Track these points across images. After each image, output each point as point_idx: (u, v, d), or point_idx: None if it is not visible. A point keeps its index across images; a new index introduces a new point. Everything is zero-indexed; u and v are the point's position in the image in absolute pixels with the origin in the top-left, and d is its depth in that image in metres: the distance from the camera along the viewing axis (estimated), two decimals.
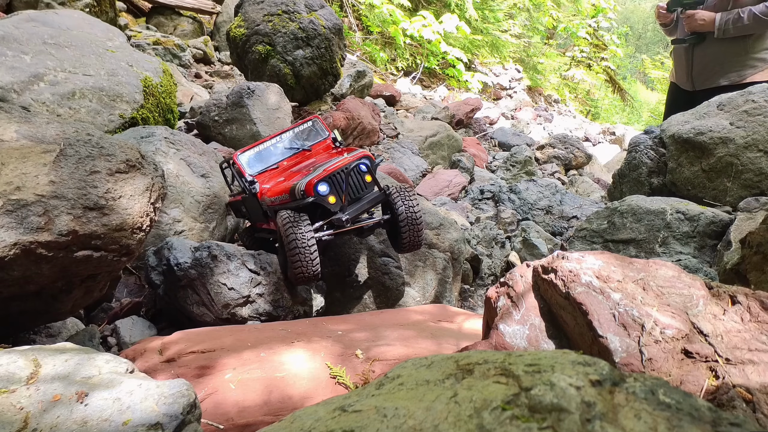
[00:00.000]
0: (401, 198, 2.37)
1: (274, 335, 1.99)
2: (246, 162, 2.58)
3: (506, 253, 3.10)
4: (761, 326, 1.20)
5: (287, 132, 2.76)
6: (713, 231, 2.60)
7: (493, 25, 11.60)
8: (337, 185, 2.24)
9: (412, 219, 2.34)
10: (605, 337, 1.25)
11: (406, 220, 2.34)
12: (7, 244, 1.44)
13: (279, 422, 0.77)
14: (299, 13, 5.11)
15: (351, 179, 2.29)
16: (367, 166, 2.34)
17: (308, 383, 1.61)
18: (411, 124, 5.38)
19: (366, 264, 2.66)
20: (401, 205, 2.35)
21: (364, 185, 2.36)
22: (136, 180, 1.81)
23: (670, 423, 0.53)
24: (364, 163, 2.33)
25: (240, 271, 2.26)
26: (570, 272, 1.39)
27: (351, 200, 2.30)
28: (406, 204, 2.36)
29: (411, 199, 2.39)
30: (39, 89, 2.79)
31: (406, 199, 2.38)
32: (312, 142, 2.73)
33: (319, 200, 2.18)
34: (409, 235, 2.37)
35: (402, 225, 2.34)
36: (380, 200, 2.40)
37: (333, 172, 2.23)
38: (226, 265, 2.25)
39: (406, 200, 2.37)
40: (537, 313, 1.52)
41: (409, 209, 2.35)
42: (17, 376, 1.07)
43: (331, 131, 2.78)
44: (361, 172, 2.34)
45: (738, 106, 3.30)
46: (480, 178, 4.93)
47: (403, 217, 2.34)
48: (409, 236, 2.37)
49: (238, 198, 2.68)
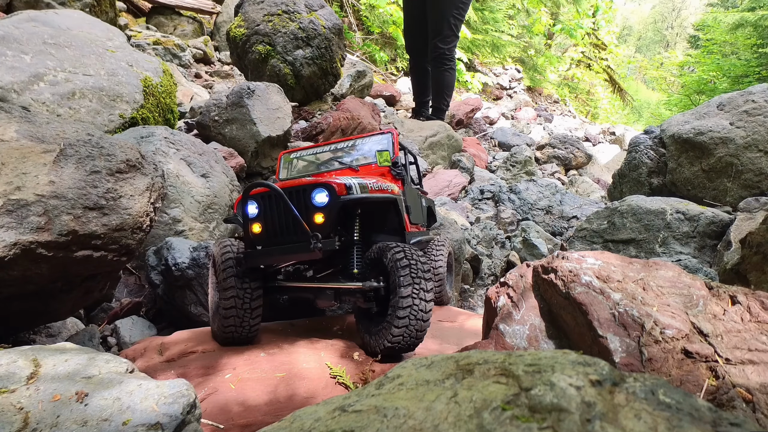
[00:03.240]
0: (401, 253, 1.63)
1: (274, 335, 1.99)
2: (285, 164, 2.32)
3: (506, 253, 3.10)
4: (761, 326, 1.20)
5: (349, 141, 2.36)
6: (713, 231, 2.59)
7: (492, 26, 11.60)
8: (275, 210, 1.73)
9: (417, 309, 1.60)
10: (605, 337, 1.25)
11: (406, 287, 1.59)
12: (7, 244, 1.43)
13: (279, 422, 0.77)
14: (299, 13, 5.11)
15: (277, 206, 1.70)
16: (329, 193, 1.68)
17: (308, 383, 1.60)
18: (411, 124, 5.38)
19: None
20: (401, 264, 1.61)
21: (294, 226, 1.68)
22: (136, 180, 1.81)
23: (670, 423, 0.53)
24: (322, 188, 1.69)
25: None
26: (570, 272, 1.39)
27: (283, 239, 1.71)
28: (409, 263, 1.61)
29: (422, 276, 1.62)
30: (39, 89, 2.79)
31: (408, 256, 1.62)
32: (366, 162, 2.25)
33: (238, 222, 1.79)
34: (407, 324, 1.61)
35: (400, 293, 1.60)
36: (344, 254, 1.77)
37: (271, 192, 1.72)
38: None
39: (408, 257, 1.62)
40: (537, 313, 1.52)
41: (416, 291, 1.59)
42: (17, 376, 1.07)
43: (398, 152, 2.24)
44: (310, 202, 1.68)
45: (738, 106, 3.30)
46: (480, 178, 4.93)
47: (406, 305, 1.58)
48: (407, 326, 1.61)
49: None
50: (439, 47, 5.26)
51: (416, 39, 5.49)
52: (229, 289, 1.75)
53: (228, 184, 3.01)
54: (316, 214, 1.68)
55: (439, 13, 5.14)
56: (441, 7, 5.11)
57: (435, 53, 5.30)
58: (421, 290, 1.61)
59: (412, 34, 5.56)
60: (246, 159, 3.77)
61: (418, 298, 1.60)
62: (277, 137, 3.94)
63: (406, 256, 1.64)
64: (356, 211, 1.85)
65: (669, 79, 20.54)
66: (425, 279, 1.63)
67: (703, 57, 13.39)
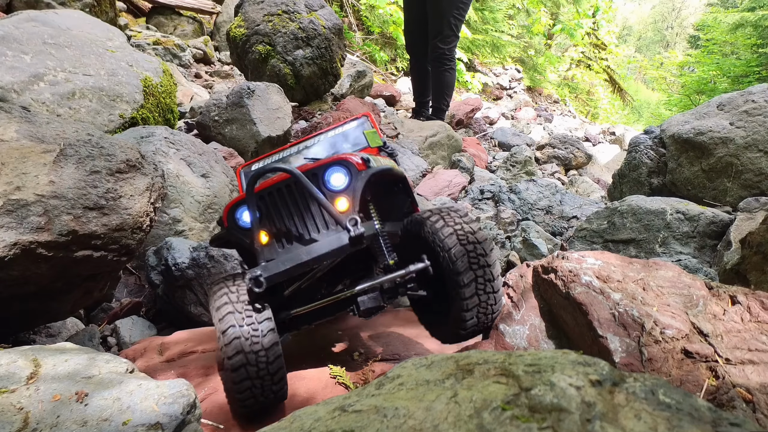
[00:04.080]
0: (446, 224, 1.34)
1: None
2: (246, 180, 1.97)
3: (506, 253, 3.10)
4: (761, 326, 1.20)
5: (319, 136, 2.07)
6: (713, 231, 2.59)
7: (492, 26, 11.60)
8: (276, 211, 1.41)
9: (482, 265, 1.31)
10: (605, 337, 1.25)
11: (466, 272, 1.30)
12: (7, 244, 1.43)
13: (279, 422, 0.77)
14: (299, 13, 5.11)
15: (288, 198, 1.40)
16: (348, 170, 1.40)
17: (308, 383, 1.60)
18: (411, 124, 5.38)
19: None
20: (451, 240, 1.31)
21: (321, 216, 1.38)
22: (135, 180, 1.81)
23: (670, 423, 0.53)
24: (340, 166, 1.41)
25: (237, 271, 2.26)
26: (570, 272, 1.39)
27: (296, 239, 1.38)
28: (459, 236, 1.31)
29: (468, 225, 1.35)
30: (39, 89, 2.78)
31: (456, 225, 1.34)
32: (352, 151, 1.92)
33: (236, 237, 1.44)
34: (477, 304, 1.34)
35: (459, 282, 1.31)
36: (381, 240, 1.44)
37: (272, 187, 1.42)
38: (222, 265, 2.25)
39: (457, 228, 1.33)
40: (537, 313, 1.51)
41: (469, 246, 1.30)
42: (17, 376, 1.07)
43: (382, 134, 2.01)
44: (327, 186, 1.39)
45: (738, 106, 3.30)
46: (480, 178, 4.93)
47: (460, 265, 1.29)
48: (477, 307, 1.34)
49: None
50: (440, 47, 5.26)
51: (416, 39, 5.49)
52: (235, 354, 1.27)
53: (228, 184, 3.01)
54: (337, 199, 1.37)
55: (439, 13, 5.14)
56: (441, 7, 5.11)
57: (435, 53, 5.30)
58: (482, 267, 1.29)
59: (412, 34, 5.56)
60: (246, 159, 3.77)
61: (482, 278, 1.31)
62: (277, 137, 3.94)
63: (448, 224, 1.31)
64: (368, 195, 1.53)
65: (669, 79, 20.54)
66: (483, 249, 1.32)
67: (703, 57, 13.39)
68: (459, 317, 1.37)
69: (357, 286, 1.44)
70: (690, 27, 28.23)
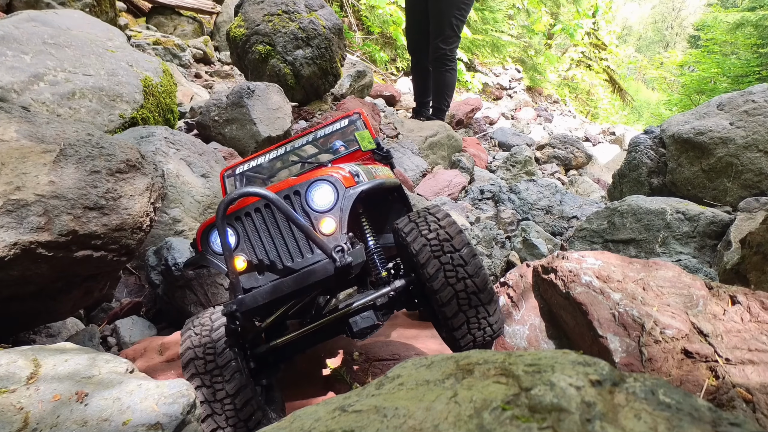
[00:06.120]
0: (419, 234, 1.20)
1: None
2: (230, 185, 1.87)
3: (506, 253, 3.10)
4: (761, 326, 1.20)
5: (308, 135, 1.92)
6: (713, 231, 2.59)
7: (492, 26, 11.60)
8: (255, 234, 1.27)
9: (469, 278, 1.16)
10: (605, 337, 1.25)
11: (443, 288, 1.16)
12: (7, 244, 1.43)
13: (279, 422, 0.77)
14: (299, 13, 5.11)
15: (267, 219, 1.26)
16: (335, 187, 1.26)
17: (308, 383, 1.60)
18: (411, 124, 5.38)
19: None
20: (423, 254, 1.18)
21: (304, 239, 1.23)
22: (135, 180, 1.81)
23: (670, 423, 0.53)
24: (325, 182, 1.26)
25: None
26: (570, 272, 1.39)
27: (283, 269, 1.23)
28: (433, 247, 1.18)
29: (444, 230, 1.20)
30: (39, 89, 2.78)
31: (430, 234, 1.20)
32: (342, 154, 1.80)
33: (210, 263, 1.30)
34: (465, 321, 1.20)
35: (437, 301, 1.18)
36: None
37: (249, 206, 1.28)
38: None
39: (431, 237, 1.19)
40: (537, 313, 1.52)
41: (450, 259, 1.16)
42: (17, 376, 1.07)
43: (375, 134, 1.84)
44: (310, 205, 1.26)
45: (738, 106, 3.30)
46: (480, 178, 4.92)
47: (436, 283, 1.16)
48: (466, 324, 1.21)
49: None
50: (441, 48, 5.26)
51: (417, 39, 5.49)
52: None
53: None
54: (322, 220, 1.23)
55: (440, 13, 5.14)
56: (442, 8, 5.11)
57: (436, 54, 5.30)
58: (461, 280, 1.14)
59: (413, 34, 5.56)
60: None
61: (463, 292, 1.14)
62: (277, 137, 3.94)
63: (421, 233, 1.18)
64: (359, 209, 1.46)
65: (669, 79, 20.54)
66: (461, 258, 1.15)
67: (703, 57, 13.39)
68: (450, 336, 1.26)
69: (349, 304, 1.32)
70: (690, 27, 28.22)
